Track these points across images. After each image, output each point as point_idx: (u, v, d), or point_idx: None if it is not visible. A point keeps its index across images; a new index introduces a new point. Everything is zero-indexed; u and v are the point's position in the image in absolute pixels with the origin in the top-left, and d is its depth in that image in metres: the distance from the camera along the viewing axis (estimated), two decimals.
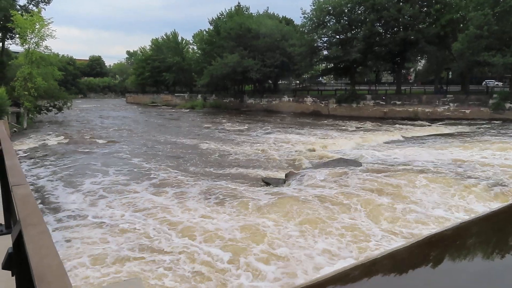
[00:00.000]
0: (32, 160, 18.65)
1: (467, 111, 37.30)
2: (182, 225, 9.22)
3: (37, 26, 33.82)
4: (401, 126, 32.64)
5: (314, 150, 20.75)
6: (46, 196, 12.46)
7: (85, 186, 13.53)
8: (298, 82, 66.70)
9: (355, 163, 16.25)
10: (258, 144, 23.06)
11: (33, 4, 43.19)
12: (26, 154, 20.15)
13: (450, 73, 50.30)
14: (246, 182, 14.02)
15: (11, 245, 1.52)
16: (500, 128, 28.85)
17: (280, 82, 63.10)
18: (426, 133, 27.48)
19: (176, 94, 75.06)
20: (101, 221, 9.77)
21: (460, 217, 9.53)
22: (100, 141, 25.32)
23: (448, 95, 39.63)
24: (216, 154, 20.06)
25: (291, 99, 52.48)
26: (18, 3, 43.02)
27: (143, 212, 10.38)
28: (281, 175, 14.94)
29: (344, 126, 33.20)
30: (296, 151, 20.71)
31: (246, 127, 33.63)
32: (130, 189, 13.05)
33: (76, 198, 12.00)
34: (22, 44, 35.19)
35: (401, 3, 40.54)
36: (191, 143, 24.21)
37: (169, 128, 34.04)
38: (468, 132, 27.67)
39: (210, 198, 11.68)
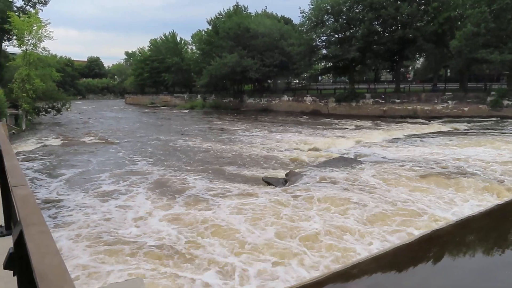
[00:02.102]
0: (31, 161, 18.65)
1: (466, 109, 37.36)
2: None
3: (34, 28, 33.73)
4: (400, 124, 32.66)
5: (314, 149, 20.76)
6: (44, 193, 12.88)
7: (66, 176, 15.29)
8: (297, 81, 66.73)
9: (355, 161, 16.29)
10: (258, 144, 23.05)
11: (30, 5, 43.08)
12: (24, 155, 20.15)
13: (449, 70, 50.32)
14: (245, 181, 14.02)
15: (11, 246, 1.53)
16: (500, 125, 28.96)
17: (279, 81, 63.05)
18: (425, 131, 27.52)
19: (175, 95, 75.04)
20: (76, 205, 11.48)
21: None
22: (97, 142, 25.58)
23: (446, 93, 39.68)
24: (215, 153, 20.06)
25: (290, 98, 52.50)
26: (15, 4, 42.95)
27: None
28: (282, 174, 14.94)
29: (343, 125, 33.22)
30: (296, 150, 20.72)
31: (245, 126, 33.63)
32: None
33: (61, 189, 13.32)
34: (19, 46, 35.15)
35: (399, 2, 40.56)
36: (190, 143, 24.19)
37: (167, 129, 34.01)
38: (467, 129, 27.76)
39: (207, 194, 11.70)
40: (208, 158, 19.12)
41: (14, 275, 1.54)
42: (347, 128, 30.77)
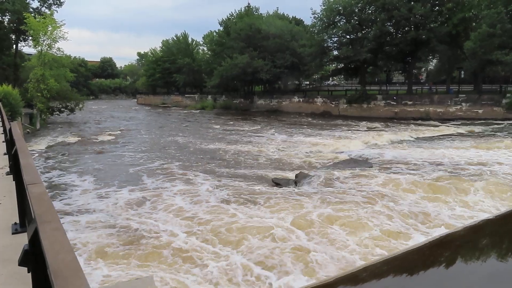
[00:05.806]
0: (46, 159, 18.95)
1: (480, 111, 36.79)
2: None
3: (49, 28, 34.24)
4: (411, 126, 32.31)
5: (324, 151, 20.65)
6: (56, 189, 13.09)
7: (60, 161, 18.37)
8: (308, 82, 66.57)
9: (365, 163, 16.17)
10: (267, 145, 23.01)
11: (45, 7, 43.81)
12: (39, 154, 20.46)
13: (462, 72, 49.60)
14: (255, 182, 14.01)
15: (26, 243, 1.55)
16: None
17: (289, 82, 63.01)
18: (437, 134, 27.20)
19: (186, 95, 75.34)
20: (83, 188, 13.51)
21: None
22: (105, 139, 26.35)
23: (460, 95, 39.12)
24: (225, 154, 20.08)
25: (301, 99, 52.32)
26: (31, 5, 43.69)
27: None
28: (291, 175, 14.90)
29: (354, 127, 32.99)
30: (306, 151, 20.63)
31: (256, 127, 33.62)
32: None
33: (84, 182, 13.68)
34: (35, 46, 35.72)
35: (412, 3, 40.13)
36: (199, 143, 24.29)
37: (177, 129, 34.19)
38: (480, 132, 27.34)
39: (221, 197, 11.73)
40: (218, 158, 19.17)
41: (28, 272, 1.57)
42: (358, 130, 30.54)
